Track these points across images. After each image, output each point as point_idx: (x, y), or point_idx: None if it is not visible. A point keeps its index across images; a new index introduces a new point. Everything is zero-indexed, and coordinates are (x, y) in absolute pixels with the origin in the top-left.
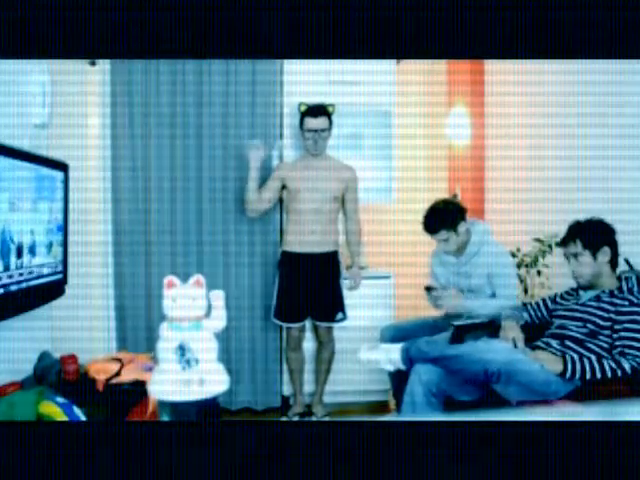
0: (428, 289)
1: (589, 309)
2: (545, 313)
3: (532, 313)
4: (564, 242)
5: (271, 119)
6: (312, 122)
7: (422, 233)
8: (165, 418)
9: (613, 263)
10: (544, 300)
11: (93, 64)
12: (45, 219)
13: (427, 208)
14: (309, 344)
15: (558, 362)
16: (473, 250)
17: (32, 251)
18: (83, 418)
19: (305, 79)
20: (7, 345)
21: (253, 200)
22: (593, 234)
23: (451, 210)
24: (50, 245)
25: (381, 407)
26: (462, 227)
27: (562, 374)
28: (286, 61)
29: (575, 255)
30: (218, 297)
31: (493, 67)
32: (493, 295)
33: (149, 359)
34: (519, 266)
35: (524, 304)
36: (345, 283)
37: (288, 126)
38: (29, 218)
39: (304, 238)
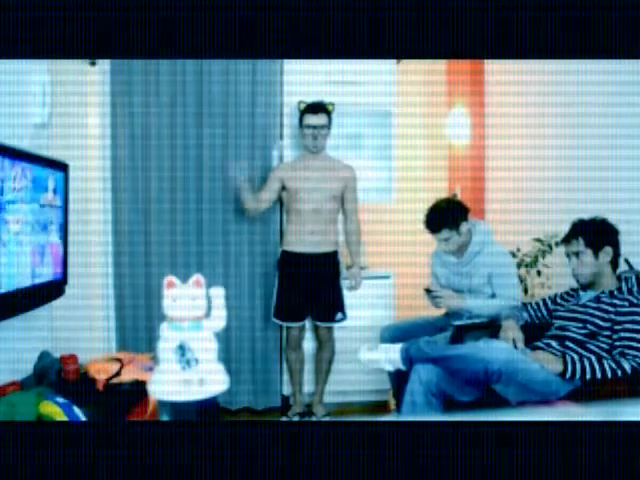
0: (428, 291)
1: (589, 310)
2: (545, 313)
3: (532, 313)
4: (566, 240)
5: (271, 119)
6: (311, 118)
7: (422, 233)
8: (165, 418)
9: (614, 264)
10: (544, 300)
11: (93, 64)
12: (45, 219)
13: (429, 207)
14: (309, 344)
15: (558, 362)
16: (475, 250)
17: (32, 252)
18: (83, 418)
19: (305, 79)
20: (7, 345)
21: (251, 203)
22: (596, 233)
23: (453, 209)
24: (50, 245)
25: (381, 407)
26: (464, 227)
27: (562, 374)
28: (286, 61)
29: (576, 253)
30: (218, 294)
31: (493, 67)
32: (493, 296)
33: (149, 359)
34: (519, 266)
35: (524, 304)
36: (345, 283)
37: (288, 126)
38: (29, 218)
39: (304, 238)
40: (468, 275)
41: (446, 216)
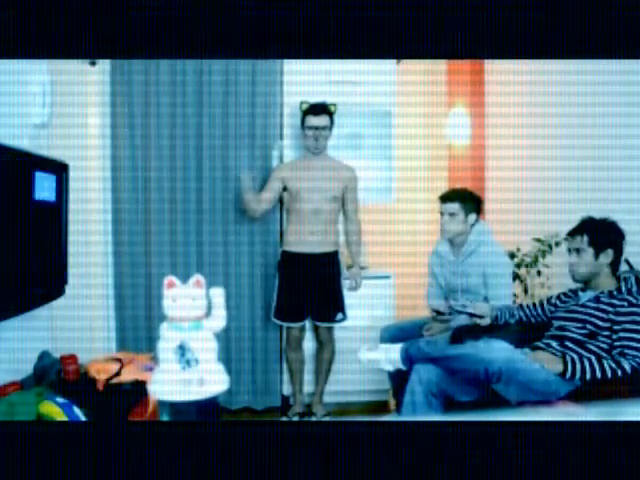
0: (438, 313)
1: (588, 310)
2: (540, 311)
3: (527, 312)
4: (571, 234)
5: (271, 119)
6: (313, 120)
7: (422, 233)
8: (165, 418)
9: (614, 266)
10: (540, 301)
11: (93, 64)
12: (45, 219)
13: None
14: (309, 344)
15: (558, 362)
16: (470, 249)
17: (32, 252)
18: (83, 418)
19: (305, 79)
20: (7, 345)
21: (252, 204)
22: (601, 233)
23: (473, 193)
24: (50, 245)
25: (381, 407)
26: (472, 217)
27: (562, 374)
28: (286, 61)
29: (577, 250)
30: (218, 294)
31: (493, 67)
32: (486, 298)
33: (149, 359)
34: (519, 266)
35: (520, 305)
36: (345, 283)
37: (288, 126)
38: (29, 218)
39: (304, 238)
40: (463, 275)
41: (465, 192)
